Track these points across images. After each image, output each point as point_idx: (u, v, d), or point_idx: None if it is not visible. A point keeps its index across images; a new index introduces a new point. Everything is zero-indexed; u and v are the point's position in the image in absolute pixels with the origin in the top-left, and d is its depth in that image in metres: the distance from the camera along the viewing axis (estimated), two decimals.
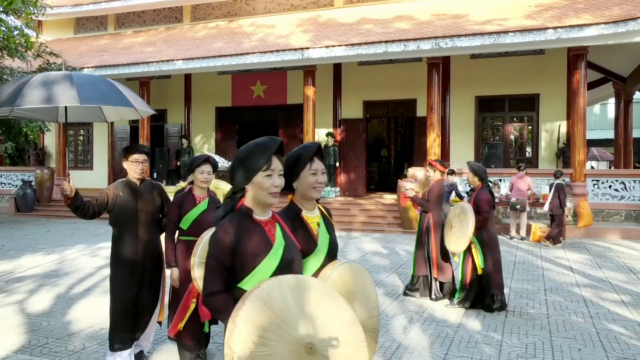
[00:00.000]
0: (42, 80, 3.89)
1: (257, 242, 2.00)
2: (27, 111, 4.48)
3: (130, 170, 3.93)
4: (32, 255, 9.28)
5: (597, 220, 12.23)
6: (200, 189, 4.02)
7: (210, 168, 3.98)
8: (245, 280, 1.96)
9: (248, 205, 2.07)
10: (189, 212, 3.93)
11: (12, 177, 18.40)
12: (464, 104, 15.54)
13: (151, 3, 18.43)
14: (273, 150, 2.03)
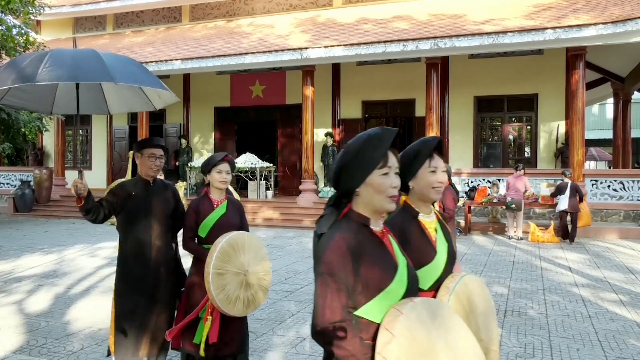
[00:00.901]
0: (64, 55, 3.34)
1: (381, 260, 1.66)
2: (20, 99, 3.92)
3: (144, 167, 3.49)
4: (31, 255, 9.27)
5: (596, 220, 12.24)
6: (218, 190, 3.58)
7: (228, 167, 3.54)
8: (366, 308, 1.59)
9: (360, 211, 1.72)
10: (206, 217, 3.48)
11: (11, 177, 18.38)
12: (462, 104, 15.55)
13: (150, 3, 18.42)
14: (389, 142, 1.71)
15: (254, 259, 3.32)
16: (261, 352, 4.43)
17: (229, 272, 3.16)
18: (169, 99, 4.15)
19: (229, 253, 3.19)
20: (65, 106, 4.18)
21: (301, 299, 6.21)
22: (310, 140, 14.52)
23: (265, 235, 11.80)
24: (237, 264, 3.22)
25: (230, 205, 3.59)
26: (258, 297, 3.34)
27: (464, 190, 13.47)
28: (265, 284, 3.41)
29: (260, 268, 3.36)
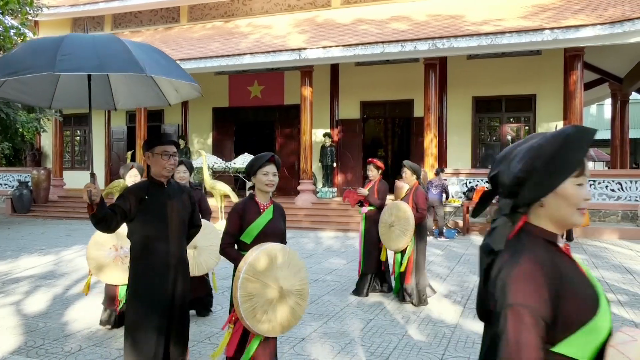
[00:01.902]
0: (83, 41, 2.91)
1: (582, 286, 1.37)
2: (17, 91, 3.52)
3: (157, 166, 3.16)
4: (29, 256, 9.25)
5: (594, 221, 12.26)
6: (264, 194, 3.28)
7: (275, 169, 3.27)
8: (567, 342, 1.30)
9: (542, 226, 1.43)
10: (252, 222, 3.19)
11: (9, 178, 18.36)
12: (461, 104, 15.57)
13: (148, 3, 18.40)
14: (589, 144, 1.43)
15: (292, 278, 3.07)
16: None
17: (261, 282, 2.95)
18: (188, 94, 3.78)
19: (265, 263, 2.98)
20: (66, 100, 3.81)
21: None
22: (308, 140, 14.52)
23: None
24: (272, 276, 2.99)
25: (277, 211, 3.32)
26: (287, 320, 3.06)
27: (462, 190, 13.49)
28: (299, 310, 3.11)
29: (297, 291, 3.09)
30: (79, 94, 3.70)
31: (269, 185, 3.23)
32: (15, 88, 3.44)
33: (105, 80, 3.76)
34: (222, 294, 6.35)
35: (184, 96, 3.84)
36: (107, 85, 3.80)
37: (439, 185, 11.56)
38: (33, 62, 2.74)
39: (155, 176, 3.19)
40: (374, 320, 5.42)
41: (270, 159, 3.25)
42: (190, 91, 3.67)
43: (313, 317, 5.47)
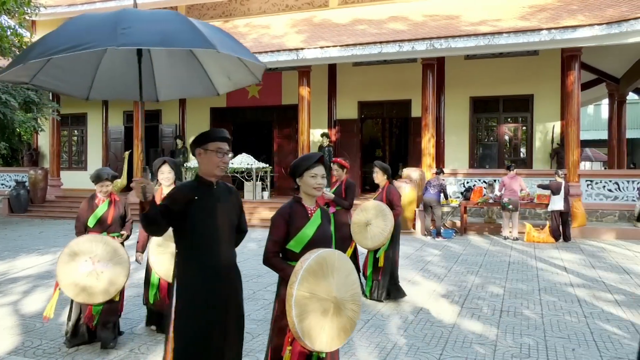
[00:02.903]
0: (140, 15, 2.64)
1: None
2: (54, 79, 3.19)
3: (209, 165, 2.87)
4: (26, 256, 9.24)
5: (591, 221, 12.28)
6: (311, 198, 3.02)
7: (323, 170, 3.01)
8: None
9: None
10: (301, 229, 2.90)
11: (6, 178, 18.30)
12: (458, 104, 15.58)
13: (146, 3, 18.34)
14: None
15: (343, 285, 2.82)
16: (257, 353, 4.43)
17: (316, 296, 2.70)
18: (241, 81, 3.43)
19: (317, 274, 2.71)
20: (104, 90, 3.50)
21: None
22: (306, 140, 14.52)
23: (262, 236, 11.79)
24: (325, 288, 2.74)
25: (323, 215, 3.04)
26: (345, 330, 2.83)
27: (459, 190, 13.50)
28: (355, 316, 2.88)
29: (350, 296, 2.85)
30: (117, 84, 3.47)
31: (317, 189, 2.99)
32: (53, 75, 3.14)
33: (149, 68, 3.44)
34: None
35: (237, 83, 3.50)
36: (150, 74, 3.47)
37: (436, 185, 11.57)
38: (90, 37, 2.43)
39: (205, 175, 2.90)
40: (372, 320, 5.42)
41: (319, 160, 3.01)
42: (246, 77, 3.35)
43: None
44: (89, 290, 4.25)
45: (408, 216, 12.23)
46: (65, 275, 4.25)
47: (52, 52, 2.44)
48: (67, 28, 2.62)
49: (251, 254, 9.43)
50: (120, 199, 4.88)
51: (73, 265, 4.26)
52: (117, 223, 4.77)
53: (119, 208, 4.80)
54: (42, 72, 3.01)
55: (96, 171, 4.76)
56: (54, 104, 15.55)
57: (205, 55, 3.30)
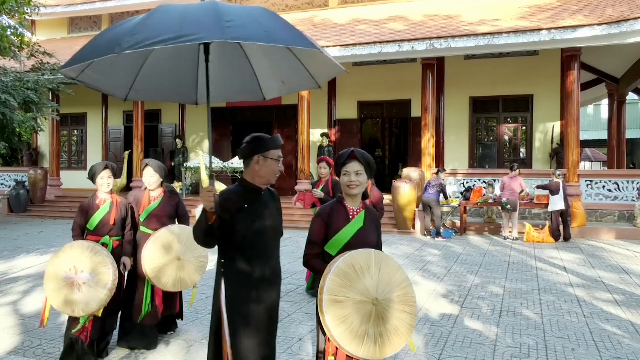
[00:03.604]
0: (237, 7, 2.52)
1: None
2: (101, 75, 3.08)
3: (267, 172, 2.75)
4: (26, 255, 9.23)
5: (591, 221, 12.29)
6: (351, 197, 2.80)
7: (358, 166, 2.78)
8: None
9: None
10: (339, 231, 2.74)
11: (5, 178, 18.31)
12: (458, 104, 15.59)
13: (145, 3, 18.38)
14: None
15: (386, 285, 2.61)
16: None
17: (349, 298, 2.53)
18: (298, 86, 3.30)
19: (348, 275, 2.54)
20: (145, 92, 3.33)
21: (297, 299, 6.22)
22: (306, 140, 14.52)
23: None
24: (361, 288, 2.54)
25: (368, 217, 2.83)
26: (396, 332, 2.61)
27: (459, 190, 13.50)
28: (408, 318, 2.65)
29: (397, 297, 2.62)
30: (158, 86, 3.32)
31: (351, 187, 2.75)
32: (100, 71, 2.97)
33: (193, 70, 3.30)
34: None
35: (291, 88, 3.38)
36: (193, 75, 3.32)
37: (435, 185, 11.56)
38: (194, 29, 2.29)
39: (257, 182, 2.75)
40: None
41: (350, 155, 2.79)
42: (304, 82, 3.23)
43: (310, 317, 5.47)
44: (70, 301, 3.94)
45: (407, 216, 12.23)
46: (48, 282, 4.00)
47: (151, 42, 2.28)
48: (155, 18, 2.46)
49: None
50: (121, 200, 4.49)
51: (57, 272, 3.99)
52: (118, 226, 4.37)
53: (120, 210, 4.40)
54: (90, 68, 2.85)
55: (92, 166, 4.38)
56: (54, 103, 15.54)
57: (258, 57, 3.13)
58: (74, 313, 3.96)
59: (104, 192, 4.36)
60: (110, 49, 2.34)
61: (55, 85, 14.93)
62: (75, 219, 4.37)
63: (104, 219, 4.29)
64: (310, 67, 3.07)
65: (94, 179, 4.34)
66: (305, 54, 2.94)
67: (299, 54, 3.01)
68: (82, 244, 4.07)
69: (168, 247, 4.33)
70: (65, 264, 3.97)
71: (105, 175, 4.31)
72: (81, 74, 2.88)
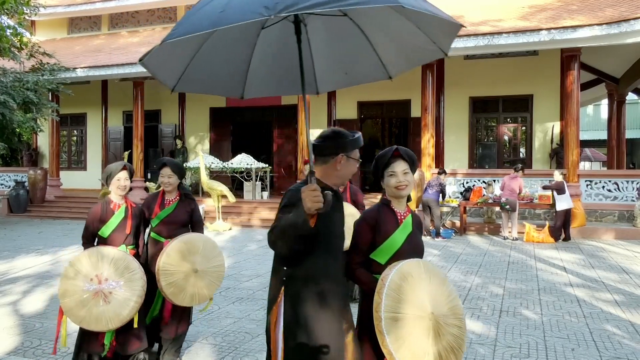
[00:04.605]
0: None
1: None
2: (207, 75, 2.89)
3: (346, 172, 2.51)
4: (26, 256, 9.23)
5: (591, 221, 12.29)
6: (399, 200, 2.61)
7: (405, 165, 2.57)
8: None
9: None
10: (389, 237, 2.52)
11: (5, 178, 18.30)
12: (458, 104, 15.59)
13: (145, 3, 18.39)
14: None
15: (439, 298, 2.40)
16: (257, 353, 4.43)
17: (408, 315, 2.29)
18: (422, 57, 2.89)
19: (403, 289, 2.32)
20: (192, 83, 2.97)
21: None
22: (306, 140, 14.44)
23: (262, 237, 11.79)
24: (417, 303, 2.33)
25: (415, 220, 2.66)
26: (452, 348, 2.39)
27: (459, 190, 13.50)
28: (459, 332, 2.43)
29: (449, 310, 2.42)
30: (206, 77, 3.00)
31: (400, 188, 2.54)
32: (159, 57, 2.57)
33: (306, 55, 2.88)
34: (219, 293, 6.35)
35: (415, 61, 2.98)
36: (307, 62, 2.94)
37: (435, 185, 11.56)
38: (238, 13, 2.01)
39: (332, 182, 2.51)
40: None
41: (394, 154, 2.57)
42: (426, 50, 2.75)
43: None
44: (95, 315, 3.47)
45: None
46: (67, 298, 3.49)
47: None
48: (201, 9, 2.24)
49: (251, 255, 9.42)
50: (136, 205, 4.07)
51: (76, 285, 3.49)
52: (133, 234, 3.94)
53: (136, 216, 3.98)
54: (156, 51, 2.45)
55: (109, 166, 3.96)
56: (53, 104, 15.55)
57: (373, 28, 2.72)
58: (105, 327, 3.50)
59: (120, 196, 3.91)
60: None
61: (55, 86, 14.94)
62: (86, 225, 3.86)
63: (120, 226, 3.83)
64: (428, 28, 2.57)
65: (109, 180, 3.89)
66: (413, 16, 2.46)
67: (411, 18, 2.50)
68: (101, 251, 3.63)
69: (186, 258, 3.91)
70: (84, 275, 3.52)
71: (123, 176, 3.87)
72: (148, 56, 2.51)
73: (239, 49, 2.84)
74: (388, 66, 2.90)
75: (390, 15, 2.51)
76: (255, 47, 2.88)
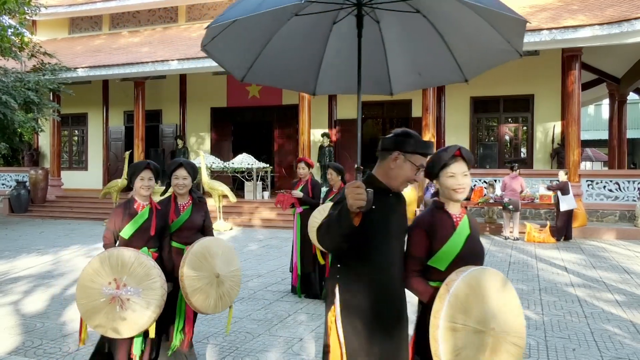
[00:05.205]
0: None
1: None
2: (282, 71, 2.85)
3: (401, 175, 2.34)
4: (27, 256, 9.24)
5: (592, 221, 12.28)
6: (455, 203, 2.46)
7: (465, 167, 2.47)
8: None
9: None
10: (446, 242, 2.35)
11: (6, 178, 18.31)
12: (458, 104, 15.58)
13: (146, 3, 18.39)
14: None
15: (502, 313, 2.22)
16: (257, 353, 4.43)
17: (468, 328, 2.14)
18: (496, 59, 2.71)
19: (467, 298, 2.16)
20: (261, 74, 2.89)
21: (297, 300, 6.21)
22: (306, 140, 14.52)
23: (263, 236, 11.80)
24: (480, 317, 2.16)
25: (472, 222, 2.48)
26: None
27: None
28: (516, 351, 2.23)
29: (513, 326, 2.24)
30: (277, 69, 2.92)
31: (458, 191, 2.40)
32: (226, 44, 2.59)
33: (380, 54, 2.85)
34: None
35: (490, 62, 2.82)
36: (381, 62, 2.88)
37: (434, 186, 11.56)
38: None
39: (385, 182, 2.36)
40: None
41: (455, 154, 2.44)
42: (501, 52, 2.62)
43: (311, 317, 5.47)
44: (111, 320, 3.29)
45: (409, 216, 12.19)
46: (83, 300, 3.32)
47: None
48: None
49: (252, 255, 9.43)
50: (161, 207, 3.84)
51: (93, 288, 3.32)
52: (157, 236, 3.71)
53: (161, 217, 3.78)
54: (222, 36, 2.45)
55: (132, 165, 3.76)
56: (54, 104, 15.56)
57: (447, 27, 2.62)
58: (119, 334, 3.31)
59: (143, 196, 3.69)
60: None
61: (56, 86, 14.96)
62: (108, 225, 3.67)
63: (143, 228, 3.63)
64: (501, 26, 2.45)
65: (133, 179, 3.70)
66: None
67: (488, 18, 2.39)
68: (122, 253, 3.39)
69: (207, 263, 3.77)
70: (102, 278, 3.32)
71: (146, 176, 3.66)
72: (211, 42, 2.49)
73: (311, 43, 2.75)
74: (464, 68, 2.78)
75: (464, 14, 2.40)
76: (328, 42, 2.80)
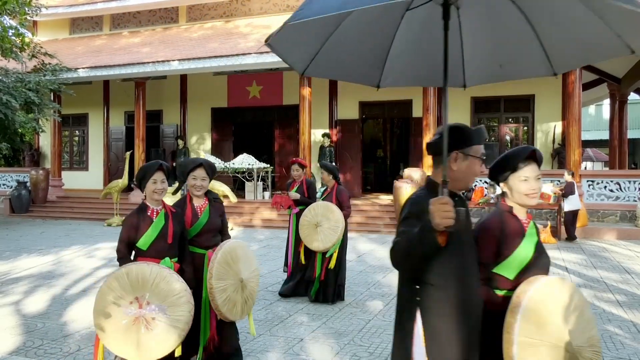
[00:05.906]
0: None
1: None
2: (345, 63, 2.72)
3: (468, 174, 2.17)
4: (28, 256, 9.24)
5: (593, 221, 12.27)
6: (521, 208, 2.32)
7: (537, 170, 2.28)
8: None
9: None
10: (515, 249, 2.20)
11: (7, 178, 18.32)
12: (459, 104, 15.57)
13: (147, 3, 18.38)
14: None
15: (579, 326, 2.09)
16: (258, 354, 4.43)
17: (544, 343, 2.01)
18: (602, 53, 2.49)
19: (541, 311, 2.02)
20: (324, 67, 2.73)
21: (297, 300, 6.21)
22: (307, 141, 14.52)
23: (263, 237, 11.80)
24: (554, 329, 2.02)
25: (537, 228, 2.35)
26: None
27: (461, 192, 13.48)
28: None
29: (586, 340, 2.10)
30: (341, 62, 2.75)
31: (531, 196, 2.24)
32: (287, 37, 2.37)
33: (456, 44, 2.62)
34: None
35: (591, 56, 2.71)
36: (456, 52, 2.67)
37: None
38: None
39: (453, 187, 2.14)
40: (373, 320, 5.42)
41: (530, 155, 2.24)
42: (611, 45, 2.32)
43: (312, 318, 5.47)
44: (135, 343, 3.00)
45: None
46: (103, 323, 3.04)
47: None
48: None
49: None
50: (176, 210, 3.57)
51: (113, 309, 3.03)
52: (176, 243, 3.42)
53: (178, 222, 3.48)
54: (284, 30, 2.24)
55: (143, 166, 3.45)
56: (55, 104, 15.57)
57: (541, 15, 2.38)
58: (147, 357, 3.02)
59: (156, 201, 3.41)
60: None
61: (56, 86, 14.96)
62: (121, 236, 3.36)
63: (160, 236, 3.34)
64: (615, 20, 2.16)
65: (144, 182, 3.38)
66: None
67: None
68: (141, 268, 3.08)
69: (232, 269, 3.63)
70: (122, 298, 3.05)
71: (159, 178, 3.38)
72: (275, 37, 2.30)
73: (378, 33, 2.57)
74: (554, 60, 2.55)
75: (566, 2, 2.17)
76: (397, 31, 2.57)
